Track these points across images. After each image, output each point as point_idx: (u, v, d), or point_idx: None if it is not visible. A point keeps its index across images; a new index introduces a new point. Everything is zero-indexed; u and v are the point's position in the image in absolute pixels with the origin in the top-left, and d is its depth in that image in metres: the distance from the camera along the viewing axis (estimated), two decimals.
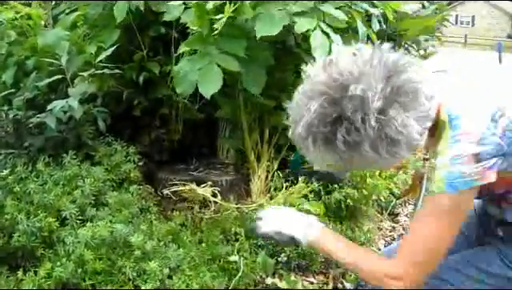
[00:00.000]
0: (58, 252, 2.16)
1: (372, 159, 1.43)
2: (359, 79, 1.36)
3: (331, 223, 2.68)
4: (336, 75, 1.37)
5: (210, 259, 2.30)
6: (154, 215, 2.39)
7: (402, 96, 1.38)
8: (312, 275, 2.65)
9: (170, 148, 2.90)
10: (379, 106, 1.35)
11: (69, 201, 2.25)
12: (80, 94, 2.40)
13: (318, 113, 1.38)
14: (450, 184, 1.48)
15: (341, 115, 1.36)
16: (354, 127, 1.36)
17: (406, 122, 1.37)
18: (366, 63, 1.40)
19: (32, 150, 2.53)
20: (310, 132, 1.41)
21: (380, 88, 1.36)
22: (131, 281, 2.09)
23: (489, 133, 1.46)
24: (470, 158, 1.45)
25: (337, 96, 1.36)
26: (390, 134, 1.37)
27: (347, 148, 1.39)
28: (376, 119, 1.35)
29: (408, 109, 1.38)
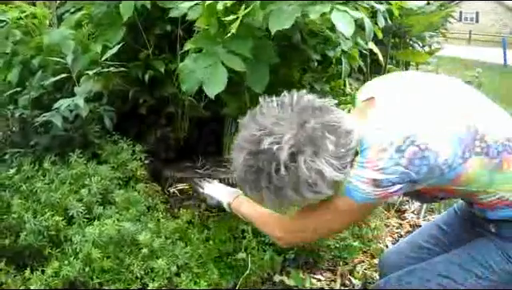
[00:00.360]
0: (66, 251, 2.15)
1: (300, 200, 1.63)
2: (270, 133, 1.55)
3: None
4: (253, 131, 1.59)
5: (218, 256, 2.30)
6: (161, 213, 2.38)
7: (308, 144, 1.54)
8: (319, 273, 2.65)
9: (176, 146, 2.89)
10: (287, 156, 1.52)
11: (76, 200, 2.24)
12: (86, 92, 2.39)
13: (243, 165, 1.60)
14: (349, 192, 1.64)
15: (259, 167, 1.56)
16: (272, 176, 1.55)
17: (316, 166, 1.54)
18: (280, 115, 1.60)
19: (38, 149, 2.53)
20: (243, 181, 1.65)
21: (286, 140, 1.53)
22: (139, 279, 2.09)
23: (392, 163, 1.56)
24: (370, 181, 1.59)
25: (254, 150, 1.56)
26: (305, 179, 1.55)
27: (273, 194, 1.60)
28: (286, 167, 1.53)
29: (318, 153, 1.54)
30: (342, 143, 1.59)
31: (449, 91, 1.81)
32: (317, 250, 2.53)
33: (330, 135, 1.57)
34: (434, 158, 1.58)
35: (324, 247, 2.52)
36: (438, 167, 1.59)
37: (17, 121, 2.60)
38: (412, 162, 1.57)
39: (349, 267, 2.74)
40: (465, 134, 1.63)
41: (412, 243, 2.28)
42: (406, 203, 3.53)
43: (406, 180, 1.60)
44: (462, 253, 1.92)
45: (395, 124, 1.62)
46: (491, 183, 1.71)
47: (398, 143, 1.57)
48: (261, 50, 2.26)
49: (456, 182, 1.68)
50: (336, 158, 1.57)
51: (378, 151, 1.59)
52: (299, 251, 2.52)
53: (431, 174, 1.61)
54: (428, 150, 1.56)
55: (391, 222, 3.30)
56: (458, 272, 1.88)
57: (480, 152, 1.65)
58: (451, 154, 1.60)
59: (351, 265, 2.76)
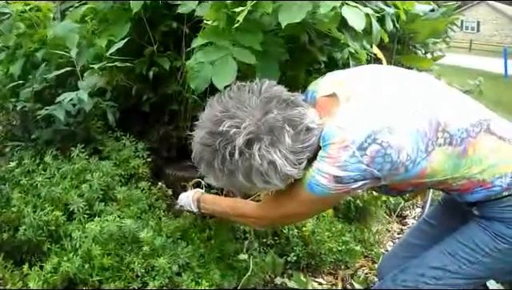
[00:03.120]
0: (65, 247, 2.13)
1: (249, 187, 1.68)
2: (232, 117, 1.58)
3: (340, 224, 2.64)
4: (216, 111, 1.62)
5: (219, 257, 2.26)
6: (163, 211, 2.35)
7: (266, 134, 1.57)
8: (321, 276, 2.63)
9: (178, 145, 2.86)
10: (243, 142, 1.56)
11: (76, 195, 2.21)
12: (90, 86, 2.35)
13: (201, 143, 1.64)
14: (310, 186, 1.67)
15: (215, 148, 1.59)
16: (226, 159, 1.59)
17: (269, 157, 1.58)
18: (244, 101, 1.63)
19: (39, 143, 2.49)
20: (198, 158, 1.68)
21: (245, 125, 1.56)
22: (139, 278, 2.05)
23: (354, 160, 1.58)
24: (331, 177, 1.61)
25: (213, 130, 1.59)
26: (257, 167, 1.59)
27: (225, 175, 1.64)
28: (240, 153, 1.57)
29: (274, 145, 1.58)
30: (301, 139, 1.62)
31: (409, 84, 1.82)
32: (319, 253, 2.50)
33: (289, 129, 1.59)
34: (397, 154, 1.59)
35: (326, 250, 2.49)
36: (401, 163, 1.61)
37: (18, 114, 2.57)
38: (374, 160, 1.59)
39: (350, 271, 2.72)
40: (427, 129, 1.65)
41: (404, 243, 2.32)
42: (408, 209, 3.50)
43: (369, 177, 1.62)
44: (451, 242, 1.93)
45: (358, 123, 1.63)
46: (457, 170, 1.73)
47: (359, 141, 1.58)
48: (271, 45, 2.23)
49: (422, 175, 1.70)
50: (292, 152, 1.60)
51: (340, 148, 1.59)
52: (301, 254, 2.48)
53: (395, 170, 1.63)
54: (390, 147, 1.58)
55: (392, 227, 3.28)
56: (451, 262, 1.89)
57: (443, 143, 1.68)
58: (414, 149, 1.62)
59: (352, 269, 2.74)
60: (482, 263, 1.87)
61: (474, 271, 1.89)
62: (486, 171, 1.75)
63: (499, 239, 1.83)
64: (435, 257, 1.94)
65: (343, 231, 2.59)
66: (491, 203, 1.82)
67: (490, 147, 1.76)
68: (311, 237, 2.51)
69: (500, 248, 1.83)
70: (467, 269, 1.88)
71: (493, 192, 1.78)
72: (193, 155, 1.72)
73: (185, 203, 2.25)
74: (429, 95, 1.79)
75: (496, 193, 1.78)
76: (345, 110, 1.69)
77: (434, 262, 1.93)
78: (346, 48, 2.73)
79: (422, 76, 1.93)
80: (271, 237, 2.49)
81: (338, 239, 2.54)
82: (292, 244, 2.50)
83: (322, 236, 2.51)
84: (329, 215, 2.62)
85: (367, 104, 1.69)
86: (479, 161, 1.75)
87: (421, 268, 1.96)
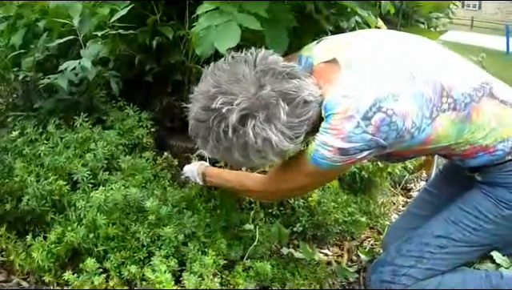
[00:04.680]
0: (69, 217, 2.11)
1: (245, 162, 1.68)
2: (225, 92, 1.54)
3: (345, 195, 2.61)
4: (210, 87, 1.58)
5: (225, 227, 2.24)
6: (168, 181, 2.33)
7: (260, 110, 1.54)
8: (326, 247, 2.62)
9: (181, 115, 2.82)
10: (236, 119, 1.52)
11: (80, 164, 2.18)
12: (93, 55, 2.31)
13: (195, 118, 1.62)
14: (314, 159, 1.65)
15: (209, 125, 1.56)
16: (220, 136, 1.56)
17: (265, 133, 1.54)
18: (238, 74, 1.58)
19: (42, 112, 2.45)
20: (194, 133, 1.66)
21: (239, 102, 1.52)
22: (145, 247, 2.03)
23: (359, 131, 1.55)
24: (335, 150, 1.59)
25: (207, 105, 1.56)
26: (251, 144, 1.56)
27: (220, 152, 1.63)
28: (234, 130, 1.53)
29: (269, 120, 1.54)
30: (297, 113, 1.58)
31: (410, 47, 1.79)
32: (324, 224, 2.48)
33: (284, 104, 1.55)
34: (402, 122, 1.57)
35: (332, 221, 2.47)
36: (406, 130, 1.60)
37: (20, 84, 2.53)
38: (380, 128, 1.57)
39: (356, 242, 2.71)
40: (431, 94, 1.63)
41: (407, 214, 2.36)
42: (412, 182, 3.48)
43: (374, 146, 1.60)
44: (453, 210, 1.94)
45: (361, 90, 1.59)
46: (461, 135, 1.73)
47: (364, 110, 1.55)
48: (278, 12, 2.18)
49: (426, 142, 1.70)
50: (288, 127, 1.57)
51: (344, 118, 1.56)
52: (307, 225, 2.46)
53: (400, 138, 1.61)
54: (395, 115, 1.56)
55: (398, 199, 3.26)
56: (455, 230, 1.91)
57: (447, 108, 1.67)
58: (419, 116, 1.61)
59: (358, 241, 2.73)
60: (485, 229, 1.88)
61: (479, 239, 1.91)
62: (488, 136, 1.75)
63: (502, 205, 1.84)
64: (439, 226, 1.95)
65: (349, 202, 2.56)
66: (494, 168, 1.83)
67: (493, 111, 1.76)
68: (317, 208, 2.48)
69: (504, 214, 1.84)
70: (471, 236, 1.90)
71: (495, 157, 1.78)
72: (189, 129, 1.69)
73: (190, 175, 2.24)
74: (430, 58, 1.78)
75: (499, 157, 1.79)
76: (347, 77, 1.65)
77: (438, 231, 1.94)
78: (353, 17, 2.68)
79: (423, 39, 1.89)
80: (277, 208, 2.46)
81: (343, 209, 2.51)
82: (298, 215, 2.47)
83: (327, 207, 2.48)
84: (334, 185, 2.59)
85: (370, 69, 1.66)
86: (482, 126, 1.74)
87: (425, 238, 1.97)
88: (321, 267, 2.31)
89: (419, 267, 1.94)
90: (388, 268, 2.00)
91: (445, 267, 1.95)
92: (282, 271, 2.21)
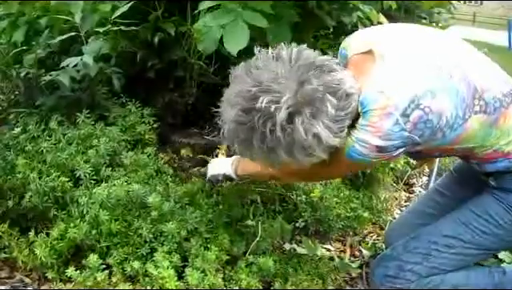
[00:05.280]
0: (72, 213, 2.10)
1: (290, 161, 1.59)
2: (268, 91, 1.48)
3: (347, 191, 2.61)
4: (249, 86, 1.51)
5: (227, 222, 2.24)
6: (170, 176, 2.33)
7: (307, 106, 1.49)
8: (329, 243, 2.61)
9: (183, 112, 2.82)
10: (284, 117, 1.47)
11: (83, 161, 2.18)
12: (94, 51, 2.31)
13: (235, 121, 1.54)
14: (349, 154, 1.63)
15: (253, 126, 1.50)
16: (266, 136, 1.50)
17: (313, 129, 1.50)
18: (277, 71, 1.52)
19: (44, 109, 2.45)
20: (233, 138, 1.59)
21: (285, 100, 1.47)
22: (147, 243, 2.03)
23: (397, 128, 1.53)
24: (373, 148, 1.57)
25: (248, 107, 1.50)
26: (300, 141, 1.51)
27: (264, 153, 1.56)
28: (282, 129, 1.48)
29: (315, 117, 1.50)
30: (341, 107, 1.54)
31: (446, 46, 1.77)
32: (327, 219, 2.48)
33: (330, 97, 1.51)
34: (438, 119, 1.56)
35: (334, 216, 2.47)
36: (440, 128, 1.58)
37: (22, 81, 2.52)
38: (416, 126, 1.55)
39: (358, 237, 2.71)
40: (466, 94, 1.61)
41: (414, 211, 2.33)
42: (414, 177, 3.48)
43: (409, 144, 1.60)
44: (464, 211, 1.94)
45: (399, 86, 1.56)
46: (488, 139, 1.72)
47: (403, 107, 1.53)
48: (281, 9, 2.18)
49: (456, 142, 1.69)
50: (334, 121, 1.53)
51: (383, 115, 1.54)
52: (309, 220, 2.46)
53: (434, 135, 1.60)
54: (432, 113, 1.54)
55: (400, 195, 3.25)
56: (464, 231, 1.91)
57: (479, 111, 1.65)
58: (453, 114, 1.59)
59: (361, 236, 2.73)
60: (495, 234, 1.88)
61: (487, 242, 1.90)
62: (511, 143, 1.75)
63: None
64: (448, 226, 1.95)
65: (351, 198, 2.56)
66: (509, 174, 1.82)
67: None
68: (319, 203, 2.48)
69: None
70: (480, 239, 1.89)
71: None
72: (224, 134, 1.62)
73: (216, 171, 2.21)
74: (465, 58, 1.75)
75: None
76: (383, 71, 1.62)
77: (447, 230, 1.94)
78: (355, 12, 2.68)
79: (454, 38, 1.85)
80: (279, 203, 2.46)
81: (346, 205, 2.51)
82: (300, 210, 2.47)
83: (329, 202, 2.48)
84: (336, 181, 2.59)
85: (406, 64, 1.63)
86: (507, 132, 1.74)
87: (433, 236, 1.96)
88: (323, 262, 2.31)
89: (425, 265, 1.94)
90: (393, 263, 2.00)
91: (450, 267, 1.95)
92: (285, 267, 2.20)
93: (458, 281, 1.97)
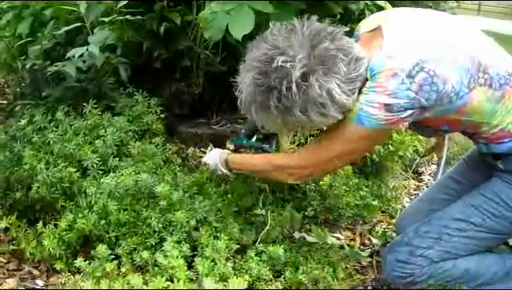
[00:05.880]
0: (80, 204, 2.09)
1: (305, 121, 1.69)
2: (284, 52, 1.61)
3: (356, 179, 2.58)
4: (265, 50, 1.64)
5: (236, 211, 2.23)
6: (178, 166, 2.32)
7: (320, 64, 1.61)
8: (338, 231, 2.59)
9: (190, 102, 2.80)
10: (300, 75, 1.59)
11: (90, 151, 2.16)
12: (100, 41, 2.29)
13: (252, 84, 1.65)
14: (359, 119, 1.70)
15: (270, 85, 1.62)
16: (282, 95, 1.61)
17: (327, 86, 1.61)
18: (291, 37, 1.64)
19: (50, 100, 2.44)
20: (250, 102, 1.70)
21: (300, 58, 1.59)
22: (156, 233, 2.02)
23: (403, 88, 1.62)
24: (382, 106, 1.65)
25: (265, 69, 1.62)
26: (315, 98, 1.62)
27: (281, 113, 1.67)
28: (297, 86, 1.60)
29: (329, 74, 1.61)
30: (352, 68, 1.66)
31: (452, 25, 1.85)
32: (336, 208, 2.45)
33: (343, 57, 1.63)
34: (443, 84, 1.64)
35: (343, 204, 2.45)
36: (446, 93, 1.65)
37: (28, 72, 2.50)
38: (422, 88, 1.63)
39: (368, 226, 2.68)
40: (469, 65, 1.69)
41: (426, 198, 2.35)
42: (423, 165, 3.45)
43: (416, 106, 1.66)
44: (475, 195, 1.97)
45: (404, 51, 1.67)
46: (493, 115, 1.78)
47: (408, 69, 1.62)
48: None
49: (461, 111, 1.75)
50: (346, 81, 1.64)
51: (389, 75, 1.63)
52: (319, 209, 2.44)
53: (440, 100, 1.67)
54: (436, 76, 1.63)
55: (409, 183, 3.23)
56: (474, 214, 1.93)
57: (483, 83, 1.72)
58: (458, 81, 1.66)
59: (370, 225, 2.70)
60: (505, 217, 1.90)
61: (497, 226, 1.91)
62: None
63: None
64: (459, 209, 1.96)
65: (360, 186, 2.54)
66: None
67: None
68: (328, 191, 2.46)
69: None
70: (490, 223, 1.91)
71: None
72: (242, 99, 1.73)
73: (211, 164, 2.23)
74: (471, 37, 1.83)
75: None
76: (390, 41, 1.71)
77: (458, 214, 1.95)
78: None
79: (460, 19, 1.95)
80: (288, 192, 2.44)
81: (355, 193, 2.49)
82: (309, 199, 2.44)
83: (339, 191, 2.46)
84: (346, 169, 2.56)
85: (413, 36, 1.73)
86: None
87: (444, 220, 1.97)
88: (333, 250, 2.29)
89: (436, 249, 1.94)
90: (405, 249, 1.99)
91: (461, 251, 1.95)
92: (295, 255, 2.18)
93: (470, 266, 1.97)
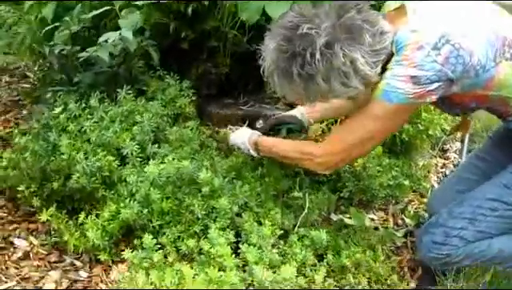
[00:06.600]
0: (120, 193, 2.06)
1: (327, 90, 1.70)
2: (310, 20, 1.63)
3: (387, 159, 2.57)
4: (291, 18, 1.66)
5: (274, 195, 2.21)
6: (215, 150, 2.31)
7: (345, 33, 1.62)
8: (372, 212, 2.60)
9: (217, 82, 2.76)
10: (324, 42, 1.60)
11: (128, 138, 2.13)
12: (132, 25, 2.23)
13: (276, 50, 1.67)
14: (386, 94, 1.70)
15: (294, 52, 1.63)
16: (306, 62, 1.63)
17: (351, 55, 1.62)
18: (318, 7, 1.67)
19: (82, 86, 2.38)
20: (273, 68, 1.71)
21: (325, 26, 1.61)
22: (200, 220, 2.00)
23: (429, 60, 1.62)
24: (408, 79, 1.65)
25: (290, 35, 1.64)
26: (338, 66, 1.63)
27: (303, 81, 1.67)
28: (322, 53, 1.61)
29: (353, 44, 1.62)
30: (378, 40, 1.67)
31: (477, 3, 1.86)
32: (370, 189, 2.44)
33: (369, 27, 1.64)
34: (469, 57, 1.64)
35: (377, 185, 2.44)
36: (472, 66, 1.66)
37: (56, 58, 2.44)
38: (448, 60, 1.63)
39: (400, 206, 2.69)
40: (494, 40, 1.70)
41: (455, 178, 2.38)
42: (448, 143, 3.44)
43: (443, 79, 1.65)
44: (505, 174, 1.98)
45: (430, 25, 1.68)
46: None
47: (433, 41, 1.63)
48: None
49: (489, 86, 1.75)
50: (370, 52, 1.65)
51: (415, 48, 1.64)
52: (353, 190, 2.43)
53: (466, 73, 1.67)
54: (462, 49, 1.63)
55: (435, 162, 3.23)
56: (506, 193, 1.95)
57: (510, 58, 1.73)
58: (484, 55, 1.67)
59: (402, 204, 2.70)
60: None
61: None
62: None
63: None
64: (491, 189, 1.98)
65: (392, 166, 2.53)
66: None
67: None
68: (362, 173, 2.46)
69: None
70: None
71: None
72: (265, 66, 1.74)
73: (239, 144, 2.22)
74: (494, 14, 1.83)
75: None
76: (415, 16, 1.73)
77: (490, 194, 1.97)
78: None
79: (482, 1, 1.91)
80: (322, 174, 2.42)
81: (387, 173, 2.48)
82: (344, 180, 2.44)
83: (372, 171, 2.45)
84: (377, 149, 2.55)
85: (437, 11, 1.74)
86: None
87: (477, 200, 1.99)
88: (371, 232, 2.29)
89: (471, 229, 1.96)
90: (440, 230, 2.01)
91: (495, 230, 1.97)
92: (335, 238, 2.18)
93: (503, 245, 2.00)
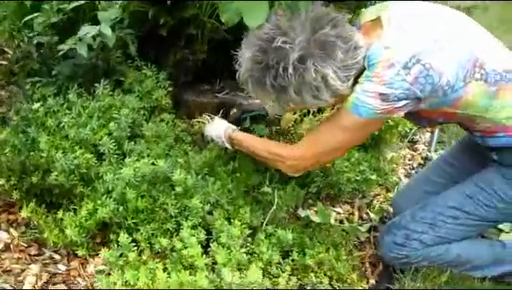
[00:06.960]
0: (97, 189, 2.11)
1: (299, 101, 1.76)
2: (285, 33, 1.67)
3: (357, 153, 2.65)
4: (267, 30, 1.70)
5: (246, 191, 2.30)
6: (189, 144, 2.36)
7: (319, 49, 1.66)
8: (339, 205, 2.69)
9: (194, 68, 2.78)
10: (297, 57, 1.65)
11: (105, 135, 2.17)
12: (111, 19, 2.23)
13: (251, 60, 1.72)
14: (356, 108, 1.75)
15: (268, 64, 1.68)
16: (279, 74, 1.68)
17: (323, 71, 1.67)
18: (294, 19, 1.70)
19: (60, 78, 2.39)
20: (247, 76, 1.77)
21: (299, 41, 1.65)
22: (173, 218, 2.07)
23: (399, 78, 1.67)
24: (377, 95, 1.70)
25: (265, 47, 1.69)
26: (310, 81, 1.68)
27: (275, 91, 1.73)
28: (294, 68, 1.66)
29: (326, 60, 1.67)
30: (350, 56, 1.70)
31: (451, 20, 1.89)
32: (338, 183, 2.53)
33: (342, 44, 1.67)
34: (438, 78, 1.68)
35: (344, 180, 2.52)
36: (441, 86, 1.70)
37: (34, 47, 2.43)
38: (417, 80, 1.67)
39: (366, 200, 2.80)
40: (466, 60, 1.74)
41: (422, 178, 2.43)
42: (418, 134, 3.54)
43: (411, 97, 1.71)
44: (469, 184, 2.06)
45: (402, 43, 1.71)
46: (488, 109, 1.83)
47: (404, 60, 1.67)
48: None
49: (456, 104, 1.80)
50: (342, 68, 1.70)
51: (386, 66, 1.68)
52: (321, 185, 2.52)
53: (435, 93, 1.72)
54: (432, 69, 1.67)
55: (404, 153, 3.33)
56: (468, 203, 2.02)
57: (479, 78, 1.77)
58: (453, 76, 1.71)
59: (368, 198, 2.82)
60: (497, 208, 2.00)
61: (489, 215, 2.03)
62: (510, 118, 1.85)
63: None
64: (454, 197, 2.06)
65: (360, 161, 2.61)
66: (511, 150, 1.92)
67: None
68: (331, 168, 2.53)
69: None
70: (483, 212, 2.02)
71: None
72: (240, 72, 1.79)
73: (214, 136, 2.30)
74: (469, 33, 1.86)
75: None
76: (389, 32, 1.75)
77: (453, 202, 2.06)
78: None
79: (459, 14, 1.95)
80: None
81: (355, 168, 2.56)
82: (312, 175, 2.51)
83: (341, 167, 2.53)
84: None
85: (411, 28, 1.76)
86: (508, 107, 1.83)
87: (439, 207, 2.08)
88: (335, 229, 2.39)
89: (431, 234, 2.08)
90: (402, 232, 2.12)
91: (454, 236, 2.09)
92: (302, 236, 2.27)
93: (461, 251, 2.12)
